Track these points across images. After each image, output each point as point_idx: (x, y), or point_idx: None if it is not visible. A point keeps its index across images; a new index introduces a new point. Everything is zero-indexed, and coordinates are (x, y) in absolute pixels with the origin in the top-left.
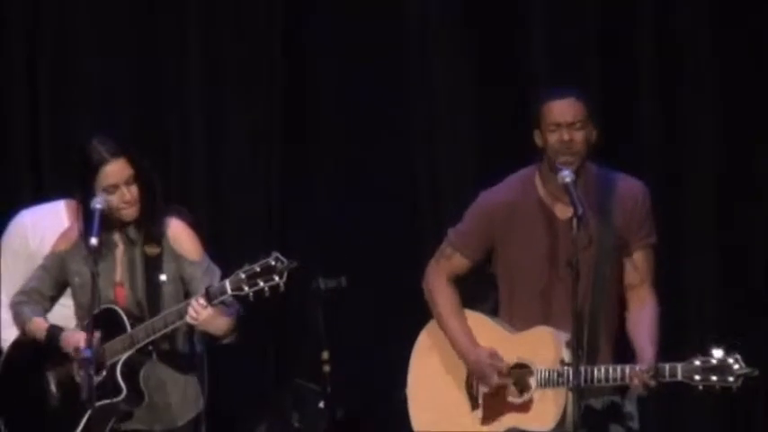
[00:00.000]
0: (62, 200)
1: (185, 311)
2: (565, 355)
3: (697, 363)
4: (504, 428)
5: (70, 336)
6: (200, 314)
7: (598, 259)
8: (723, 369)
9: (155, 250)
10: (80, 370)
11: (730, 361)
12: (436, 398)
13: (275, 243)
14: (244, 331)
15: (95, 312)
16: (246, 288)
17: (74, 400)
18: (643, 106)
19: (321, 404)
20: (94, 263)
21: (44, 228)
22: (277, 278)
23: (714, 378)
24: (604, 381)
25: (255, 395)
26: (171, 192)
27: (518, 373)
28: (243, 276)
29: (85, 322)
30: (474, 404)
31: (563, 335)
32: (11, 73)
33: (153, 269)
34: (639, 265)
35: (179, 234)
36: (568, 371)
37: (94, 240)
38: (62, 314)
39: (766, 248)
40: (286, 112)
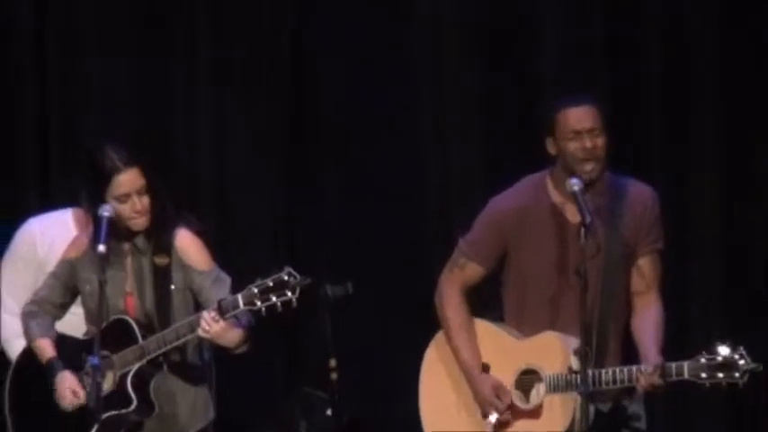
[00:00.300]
0: (69, 208)
1: (197, 324)
2: (573, 363)
3: (703, 360)
4: None
5: (67, 379)
6: (212, 327)
7: (607, 266)
8: (729, 365)
9: (164, 260)
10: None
11: (736, 357)
12: (448, 407)
13: (281, 249)
14: (254, 342)
15: (107, 323)
16: (259, 303)
17: (84, 411)
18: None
19: (329, 411)
20: (102, 270)
21: (52, 235)
22: (290, 293)
23: (720, 375)
24: (612, 383)
25: (263, 403)
26: (176, 196)
27: (527, 379)
28: (255, 291)
29: (100, 329)
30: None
31: (571, 340)
32: (18, 77)
33: (162, 279)
34: (646, 271)
35: (187, 244)
36: (577, 377)
37: (102, 248)
38: (70, 322)
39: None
40: (292, 116)
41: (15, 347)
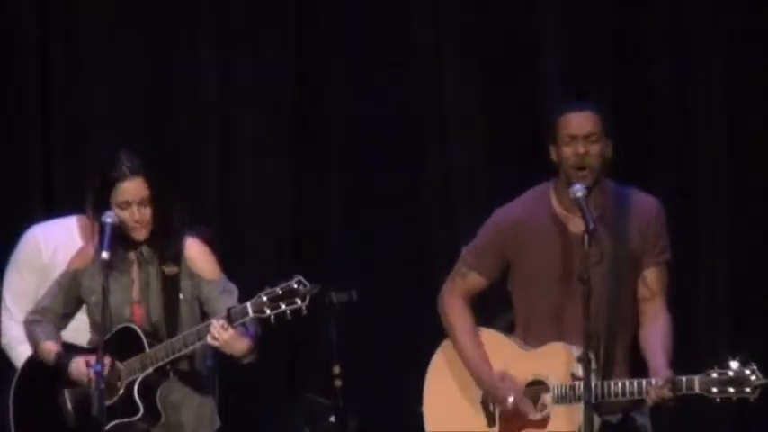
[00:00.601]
0: (73, 215)
1: (205, 332)
2: (576, 370)
3: (714, 375)
4: None
5: (81, 364)
6: (221, 336)
7: (612, 275)
8: (740, 380)
9: (173, 269)
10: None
11: (747, 372)
12: (453, 415)
13: (285, 257)
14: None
15: (113, 331)
16: (268, 311)
17: (90, 419)
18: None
19: (332, 418)
20: (105, 278)
21: (56, 241)
22: (299, 302)
23: (731, 390)
24: (621, 395)
25: (268, 410)
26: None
27: (534, 390)
28: (265, 299)
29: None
30: (491, 421)
31: (578, 350)
32: (23, 85)
33: (171, 288)
34: (651, 282)
35: (196, 253)
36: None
37: (105, 254)
38: (73, 327)
39: None
40: (297, 124)
41: (19, 352)
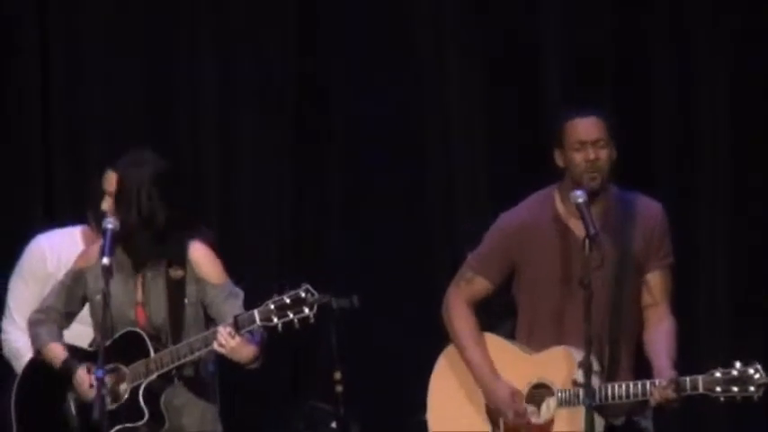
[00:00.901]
0: (78, 226)
1: (212, 339)
2: (578, 376)
3: (718, 374)
4: None
5: (85, 377)
6: (228, 343)
7: (615, 279)
8: (744, 380)
9: (179, 273)
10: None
11: (751, 371)
12: (457, 421)
13: (286, 262)
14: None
15: (118, 334)
16: (276, 319)
17: (91, 424)
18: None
19: (334, 424)
20: (106, 283)
21: (60, 250)
22: (307, 310)
23: (735, 389)
24: (625, 397)
25: (269, 416)
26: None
27: (538, 393)
28: (272, 307)
29: (105, 342)
30: (495, 426)
31: (582, 354)
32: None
33: (176, 292)
34: (654, 286)
35: (201, 257)
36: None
37: (106, 260)
38: (75, 330)
39: None
40: (297, 124)
41: (23, 363)
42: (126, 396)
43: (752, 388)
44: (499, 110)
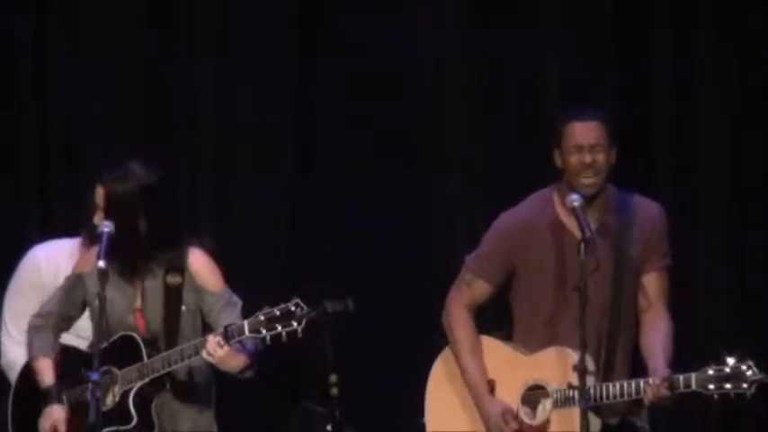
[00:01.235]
0: (76, 238)
1: (202, 347)
2: (573, 379)
3: (711, 372)
4: None
5: (54, 412)
6: (216, 352)
7: (612, 281)
8: (737, 376)
9: (176, 280)
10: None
11: (743, 368)
12: (455, 425)
13: (281, 265)
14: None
15: (114, 338)
16: (264, 331)
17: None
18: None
19: (329, 427)
20: (102, 287)
21: (57, 261)
22: (295, 324)
23: (728, 386)
24: (619, 396)
25: (264, 419)
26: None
27: (534, 395)
28: (262, 319)
29: (101, 345)
30: None
31: (577, 354)
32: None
33: (174, 299)
34: (651, 288)
35: (200, 265)
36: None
37: (102, 264)
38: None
39: None
40: (298, 132)
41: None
42: (116, 399)
43: (745, 384)
44: (500, 110)
